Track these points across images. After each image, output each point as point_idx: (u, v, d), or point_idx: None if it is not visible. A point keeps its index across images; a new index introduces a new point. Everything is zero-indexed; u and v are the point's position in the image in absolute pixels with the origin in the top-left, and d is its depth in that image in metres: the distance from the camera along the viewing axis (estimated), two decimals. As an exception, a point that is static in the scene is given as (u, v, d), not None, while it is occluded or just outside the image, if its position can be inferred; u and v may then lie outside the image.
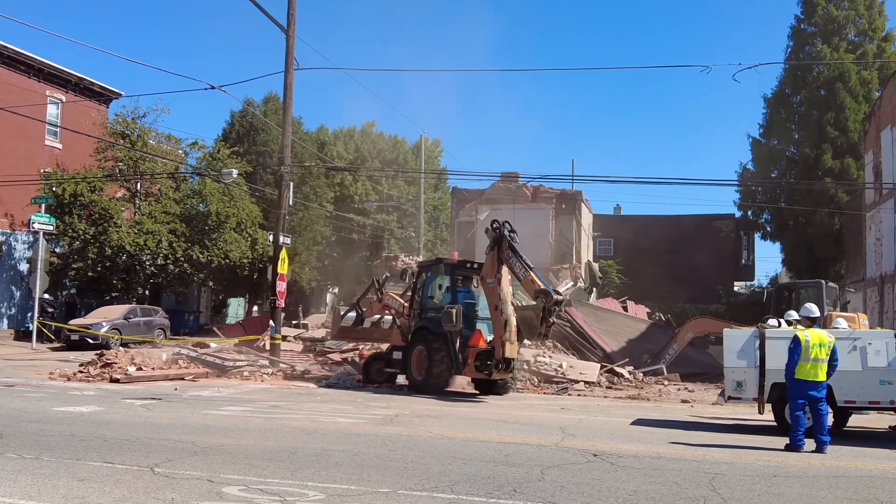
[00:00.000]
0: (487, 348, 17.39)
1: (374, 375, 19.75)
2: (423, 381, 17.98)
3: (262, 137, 44.16)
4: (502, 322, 16.96)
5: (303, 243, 43.16)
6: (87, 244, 33.06)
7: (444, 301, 18.46)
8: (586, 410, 15.76)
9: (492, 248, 17.71)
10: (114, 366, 19.73)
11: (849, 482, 8.90)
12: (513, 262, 17.31)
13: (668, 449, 10.79)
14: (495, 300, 17.24)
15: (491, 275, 17.53)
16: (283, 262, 23.21)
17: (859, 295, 36.34)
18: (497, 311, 17.14)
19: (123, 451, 9.36)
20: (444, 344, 17.69)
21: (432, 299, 19.03)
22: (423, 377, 17.97)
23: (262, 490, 7.55)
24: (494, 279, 17.42)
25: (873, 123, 36.32)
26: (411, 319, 19.14)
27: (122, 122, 36.52)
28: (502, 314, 17.01)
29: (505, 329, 16.85)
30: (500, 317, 17.04)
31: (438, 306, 18.47)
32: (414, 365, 18.36)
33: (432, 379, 17.75)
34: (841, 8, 44.00)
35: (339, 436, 11.12)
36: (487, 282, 17.61)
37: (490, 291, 17.50)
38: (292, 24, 23.33)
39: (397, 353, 19.16)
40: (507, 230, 17.66)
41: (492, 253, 17.64)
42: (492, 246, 17.72)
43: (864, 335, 12.84)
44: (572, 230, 38.20)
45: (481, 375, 17.57)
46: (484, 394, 18.41)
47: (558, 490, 7.91)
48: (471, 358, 17.39)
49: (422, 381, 18.00)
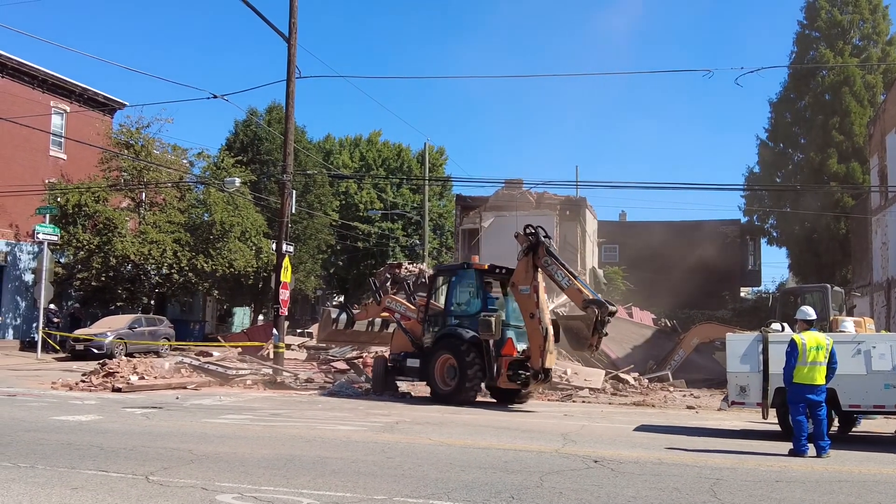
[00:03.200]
0: (519, 357, 16.99)
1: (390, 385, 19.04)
2: (453, 391, 17.09)
3: (265, 146, 44.23)
4: (541, 331, 16.52)
5: (307, 252, 43.17)
6: (92, 254, 33.11)
7: (474, 308, 17.76)
8: (589, 417, 15.65)
9: (525, 253, 17.15)
10: (116, 375, 19.69)
11: (852, 487, 8.78)
12: (553, 269, 16.90)
13: (669, 455, 10.68)
14: (531, 308, 16.75)
15: (525, 281, 17.00)
16: (287, 271, 23.16)
17: (866, 299, 36.12)
18: (534, 319, 16.65)
19: (119, 460, 9.31)
20: (478, 353, 16.99)
21: (460, 305, 18.24)
22: (454, 387, 17.07)
23: (256, 498, 7.48)
24: (530, 286, 16.87)
25: (878, 127, 36.17)
26: (426, 325, 18.37)
27: (126, 133, 36.63)
28: (540, 323, 16.59)
29: (545, 338, 16.48)
30: (537, 325, 16.59)
31: (467, 313, 17.83)
32: (438, 374, 17.49)
33: (464, 389, 16.94)
34: (845, 12, 43.86)
35: (338, 443, 11.04)
36: (520, 289, 17.06)
37: (524, 299, 16.97)
38: (294, 33, 23.34)
39: (412, 361, 18.24)
40: (543, 234, 17.21)
41: (526, 259, 17.09)
42: (526, 251, 17.17)
43: (868, 339, 12.73)
44: (577, 237, 38.03)
45: (514, 385, 17.11)
46: (502, 402, 17.92)
47: (556, 497, 7.81)
48: (504, 367, 16.92)
49: (451, 392, 17.10)
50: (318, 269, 46.28)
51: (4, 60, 34.46)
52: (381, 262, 49.96)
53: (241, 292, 40.39)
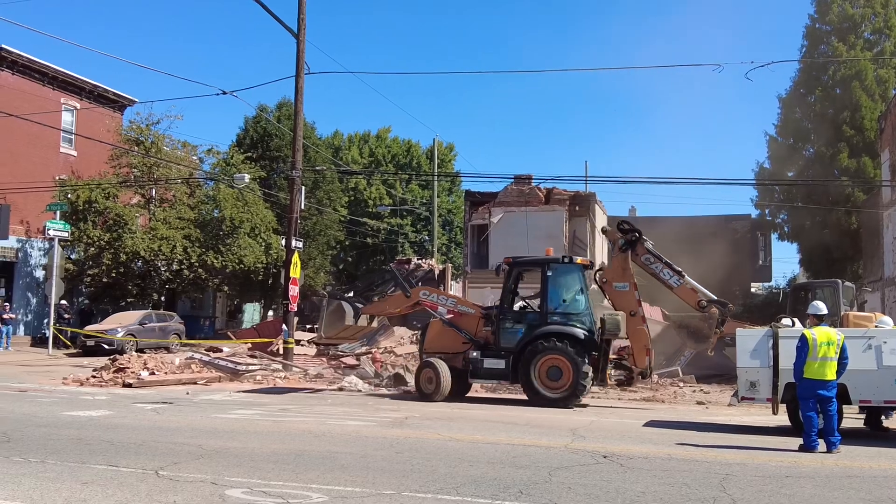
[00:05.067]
0: (616, 356, 17.07)
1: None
2: (566, 393, 16.00)
3: (275, 143, 44.24)
4: (645, 329, 16.73)
5: (317, 248, 43.21)
6: (102, 250, 33.21)
7: (579, 305, 16.80)
8: (598, 412, 15.61)
9: (624, 250, 17.29)
10: (126, 370, 19.76)
11: (862, 482, 8.74)
12: (658, 267, 17.12)
13: (679, 450, 10.65)
14: (632, 306, 16.78)
15: (623, 279, 17.07)
16: (296, 266, 23.22)
17: (877, 294, 35.92)
18: (636, 317, 16.70)
19: (129, 455, 9.35)
20: (596, 353, 16.40)
21: (564, 302, 16.92)
22: (568, 390, 15.98)
23: (265, 493, 7.50)
24: (629, 283, 16.99)
25: (889, 122, 35.96)
26: (503, 322, 17.00)
27: (136, 129, 36.67)
28: (644, 321, 16.78)
29: (649, 337, 16.78)
30: (641, 323, 16.71)
31: (572, 310, 16.74)
32: (539, 375, 16.18)
33: (579, 391, 16.10)
34: (856, 6, 43.58)
35: (347, 439, 11.06)
36: (615, 286, 17.10)
37: (621, 296, 17.01)
38: (303, 29, 23.39)
39: (494, 361, 16.66)
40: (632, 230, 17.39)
41: (623, 255, 17.24)
42: (624, 248, 17.30)
43: (879, 334, 12.63)
44: (586, 232, 37.88)
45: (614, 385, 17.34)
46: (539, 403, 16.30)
47: (565, 491, 7.81)
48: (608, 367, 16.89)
49: (563, 394, 16.00)
50: (327, 265, 46.31)
51: (15, 57, 34.59)
52: (390, 258, 50.00)
53: (250, 288, 40.44)
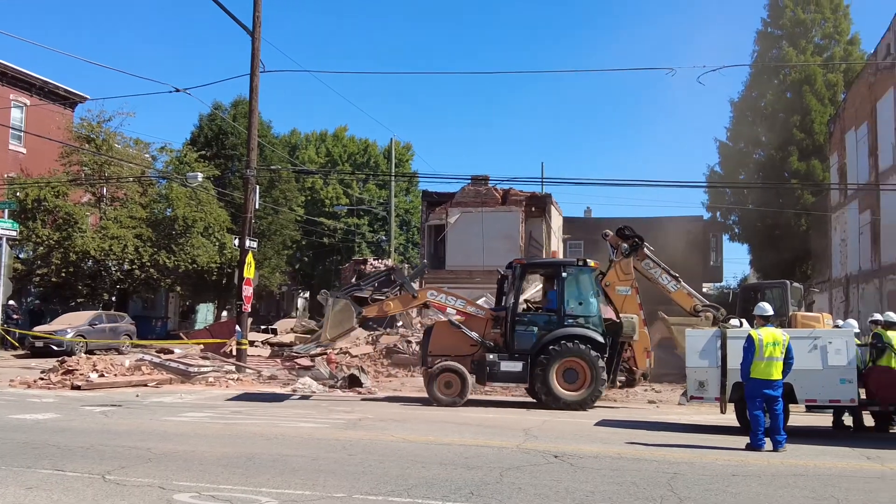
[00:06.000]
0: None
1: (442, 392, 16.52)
2: (585, 396, 15.92)
3: (231, 141, 43.81)
4: (647, 332, 17.23)
5: (272, 248, 42.88)
6: (52, 250, 32.62)
7: (593, 308, 16.72)
8: (551, 412, 15.72)
9: (627, 254, 17.78)
10: (75, 372, 19.40)
11: (807, 481, 8.92)
12: (656, 272, 17.75)
13: (628, 449, 10.78)
14: (634, 309, 17.23)
15: (625, 283, 17.54)
16: (250, 267, 23.00)
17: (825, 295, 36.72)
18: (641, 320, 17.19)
19: (76, 459, 9.21)
20: (612, 355, 16.54)
21: (581, 304, 16.75)
22: (588, 391, 15.92)
23: (213, 497, 7.44)
24: (631, 287, 17.46)
25: (838, 126, 36.79)
26: (517, 324, 16.73)
27: (87, 126, 36.10)
28: (646, 324, 17.25)
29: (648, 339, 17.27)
30: (642, 326, 17.13)
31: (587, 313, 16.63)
32: (557, 378, 16.06)
33: (597, 394, 16.10)
34: (807, 11, 44.45)
35: (299, 441, 11.01)
36: (618, 290, 17.52)
37: (623, 300, 17.42)
38: (258, 27, 23.17)
39: (511, 364, 16.37)
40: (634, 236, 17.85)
41: (626, 260, 17.73)
42: (627, 253, 17.79)
43: (824, 334, 12.94)
44: (542, 233, 38.16)
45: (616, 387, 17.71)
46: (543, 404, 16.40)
47: (515, 492, 7.86)
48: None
49: (582, 397, 15.93)
50: (283, 265, 45.98)
51: (-39, 52, 33.84)
52: (346, 258, 49.81)
53: (204, 288, 39.97)
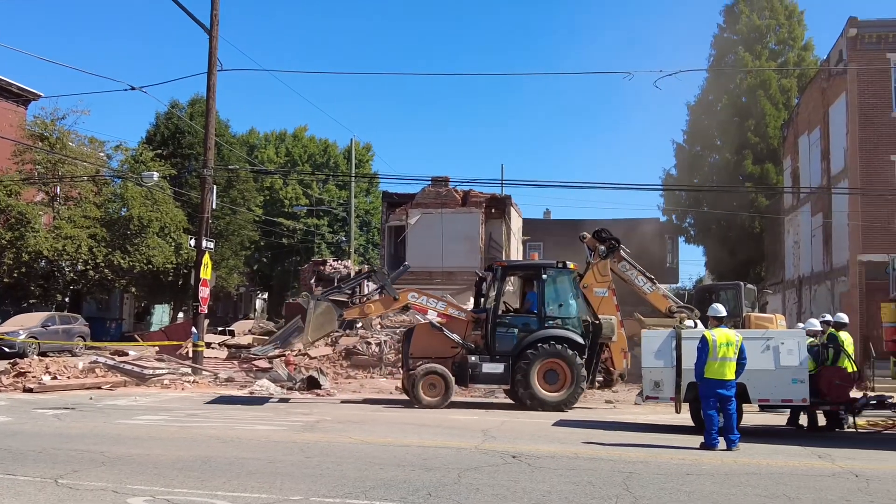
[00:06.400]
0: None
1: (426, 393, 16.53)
2: (565, 397, 16.16)
3: (188, 140, 43.30)
4: (623, 333, 17.33)
5: (230, 248, 42.46)
6: (4, 250, 32.00)
7: (573, 309, 17.04)
8: (510, 413, 15.81)
9: (604, 257, 17.83)
10: (27, 375, 19.11)
11: (759, 479, 9.07)
12: (632, 274, 17.80)
13: (585, 449, 10.87)
14: (611, 310, 17.33)
15: (602, 284, 17.56)
16: (207, 268, 22.75)
17: (778, 296, 37.38)
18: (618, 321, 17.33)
19: (28, 463, 9.05)
20: (591, 356, 16.79)
21: (560, 306, 17.02)
22: (568, 392, 16.17)
23: (168, 501, 7.35)
24: (608, 289, 17.51)
25: (792, 130, 37.49)
26: (498, 326, 16.88)
27: (40, 124, 35.42)
28: (622, 325, 17.34)
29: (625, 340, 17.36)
30: (619, 327, 17.25)
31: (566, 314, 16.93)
32: (538, 379, 16.25)
33: (577, 394, 16.39)
34: (763, 17, 45.22)
35: (256, 444, 10.91)
36: (596, 291, 17.54)
37: (601, 301, 17.45)
38: (216, 25, 22.93)
39: (492, 366, 16.53)
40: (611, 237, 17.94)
41: (604, 262, 17.77)
42: (604, 255, 17.85)
43: (776, 335, 13.17)
44: (502, 234, 38.31)
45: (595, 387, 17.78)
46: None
47: (473, 493, 7.89)
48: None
49: (562, 398, 16.14)
50: (240, 266, 45.55)
51: None
52: (306, 258, 49.50)
53: (160, 289, 39.44)
